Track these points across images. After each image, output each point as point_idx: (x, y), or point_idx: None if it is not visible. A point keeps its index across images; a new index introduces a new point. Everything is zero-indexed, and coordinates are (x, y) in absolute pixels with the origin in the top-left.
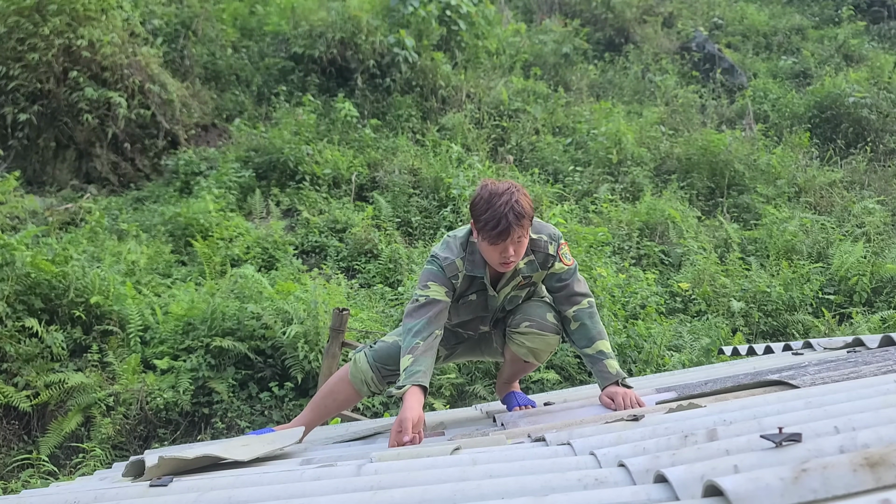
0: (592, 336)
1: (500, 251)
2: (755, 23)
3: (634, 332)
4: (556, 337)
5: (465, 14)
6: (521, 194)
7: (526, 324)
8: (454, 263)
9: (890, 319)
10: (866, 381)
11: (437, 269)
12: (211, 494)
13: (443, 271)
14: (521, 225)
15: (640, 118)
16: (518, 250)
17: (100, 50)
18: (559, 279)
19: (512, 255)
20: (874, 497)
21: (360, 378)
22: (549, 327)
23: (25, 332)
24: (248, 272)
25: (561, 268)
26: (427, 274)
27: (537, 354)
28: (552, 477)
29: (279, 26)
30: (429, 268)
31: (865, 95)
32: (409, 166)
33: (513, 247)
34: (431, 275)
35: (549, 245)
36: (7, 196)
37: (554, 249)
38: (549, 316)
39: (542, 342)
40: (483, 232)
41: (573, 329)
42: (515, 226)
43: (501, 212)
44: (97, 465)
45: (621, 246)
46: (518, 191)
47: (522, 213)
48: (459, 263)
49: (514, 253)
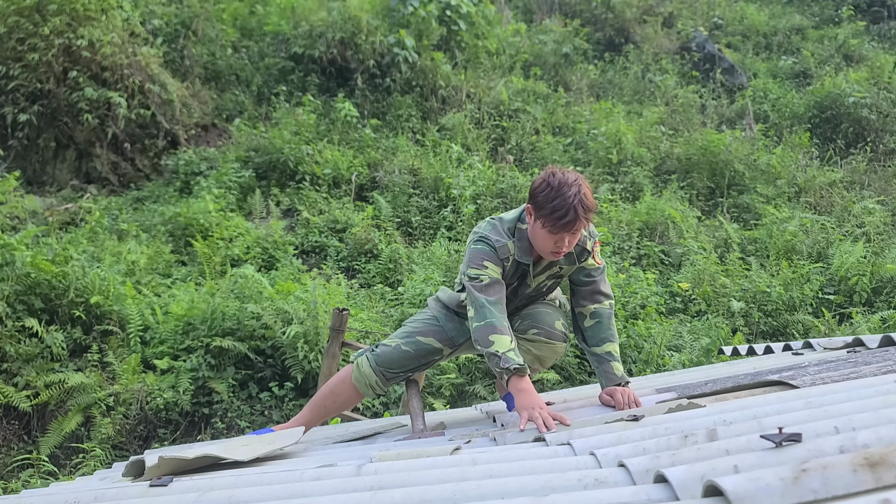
0: (605, 337)
1: (557, 241)
2: (755, 23)
3: (634, 332)
4: (564, 345)
5: (465, 14)
6: (588, 188)
7: (534, 331)
8: (507, 246)
9: (890, 319)
10: (866, 381)
11: (490, 250)
12: (211, 494)
13: (495, 252)
14: (587, 218)
15: (640, 118)
16: (571, 242)
17: (100, 50)
18: (588, 275)
19: (566, 247)
20: (874, 497)
21: (365, 382)
22: (557, 336)
23: (25, 332)
24: (248, 272)
25: (592, 264)
26: (479, 253)
27: (543, 361)
28: (552, 477)
29: (279, 26)
30: (479, 247)
31: (865, 95)
32: (409, 166)
33: (569, 238)
34: (485, 254)
35: (587, 240)
36: (7, 196)
37: (591, 245)
38: (557, 324)
39: (550, 350)
40: (547, 219)
41: (588, 326)
42: (583, 218)
43: (571, 203)
44: (97, 465)
45: (621, 246)
46: (585, 184)
47: (590, 207)
48: (511, 246)
49: (568, 244)
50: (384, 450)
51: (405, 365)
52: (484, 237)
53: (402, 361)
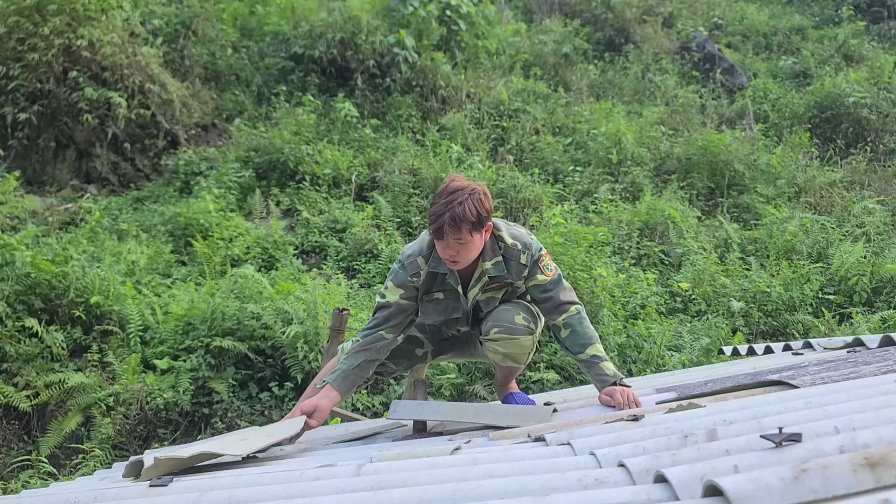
0: (584, 342)
1: (443, 248)
2: (755, 23)
3: (634, 332)
4: (529, 338)
5: (465, 14)
6: (473, 199)
7: (495, 330)
8: (416, 261)
9: (890, 319)
10: (866, 381)
11: (399, 268)
12: (211, 494)
13: (404, 269)
14: (457, 228)
15: (640, 118)
16: (462, 252)
17: (100, 50)
18: (543, 290)
19: (454, 255)
20: (874, 497)
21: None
22: (519, 329)
23: (25, 332)
24: (248, 272)
25: (543, 279)
26: (390, 274)
27: (514, 358)
28: (552, 477)
29: (279, 26)
30: (393, 266)
31: (865, 95)
32: (409, 166)
33: (453, 248)
34: (392, 274)
35: (521, 254)
36: (7, 196)
37: (527, 259)
38: (517, 318)
39: (515, 346)
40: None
41: (564, 336)
42: (450, 228)
43: (440, 211)
44: (97, 465)
45: (621, 246)
46: (472, 195)
47: (461, 217)
48: (421, 261)
49: (456, 253)
50: (384, 450)
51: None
52: (401, 255)
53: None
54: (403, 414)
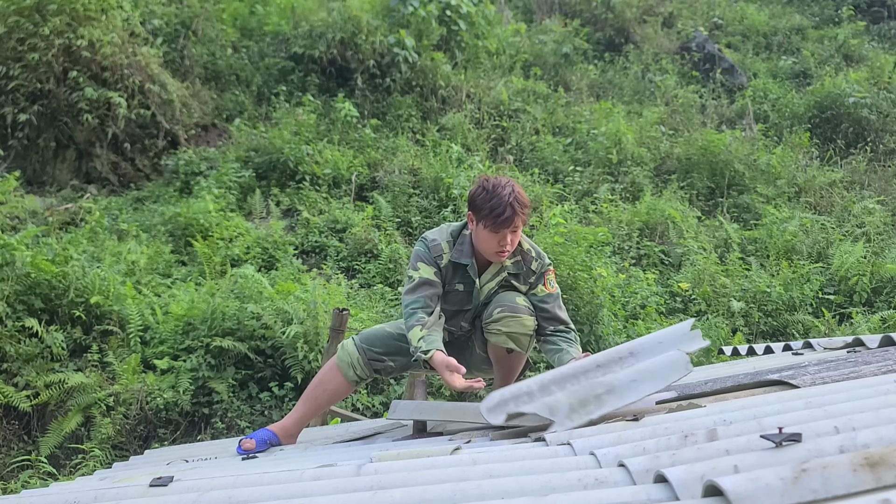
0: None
1: (500, 239)
2: (755, 23)
3: (634, 332)
4: (531, 318)
5: (465, 14)
6: (520, 189)
7: (498, 310)
8: (440, 245)
9: (890, 319)
10: (866, 381)
11: (423, 249)
12: (211, 494)
13: (428, 251)
14: (523, 213)
15: (640, 118)
16: (514, 240)
17: (100, 50)
18: (542, 301)
19: (509, 245)
20: (874, 497)
21: (347, 361)
22: (522, 309)
23: (25, 332)
24: (248, 272)
25: (543, 291)
26: (415, 255)
27: (517, 340)
28: (552, 477)
29: (279, 26)
30: (416, 248)
31: (865, 95)
32: (409, 166)
33: (511, 235)
34: (418, 255)
35: (534, 261)
36: (7, 196)
37: (538, 267)
38: (519, 300)
39: (518, 324)
40: (486, 220)
41: (548, 348)
42: (519, 213)
43: (506, 201)
44: (97, 465)
45: (621, 246)
46: (517, 185)
47: (525, 202)
48: (445, 246)
49: (510, 242)
50: (384, 450)
51: (387, 345)
52: (423, 237)
53: (385, 340)
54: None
